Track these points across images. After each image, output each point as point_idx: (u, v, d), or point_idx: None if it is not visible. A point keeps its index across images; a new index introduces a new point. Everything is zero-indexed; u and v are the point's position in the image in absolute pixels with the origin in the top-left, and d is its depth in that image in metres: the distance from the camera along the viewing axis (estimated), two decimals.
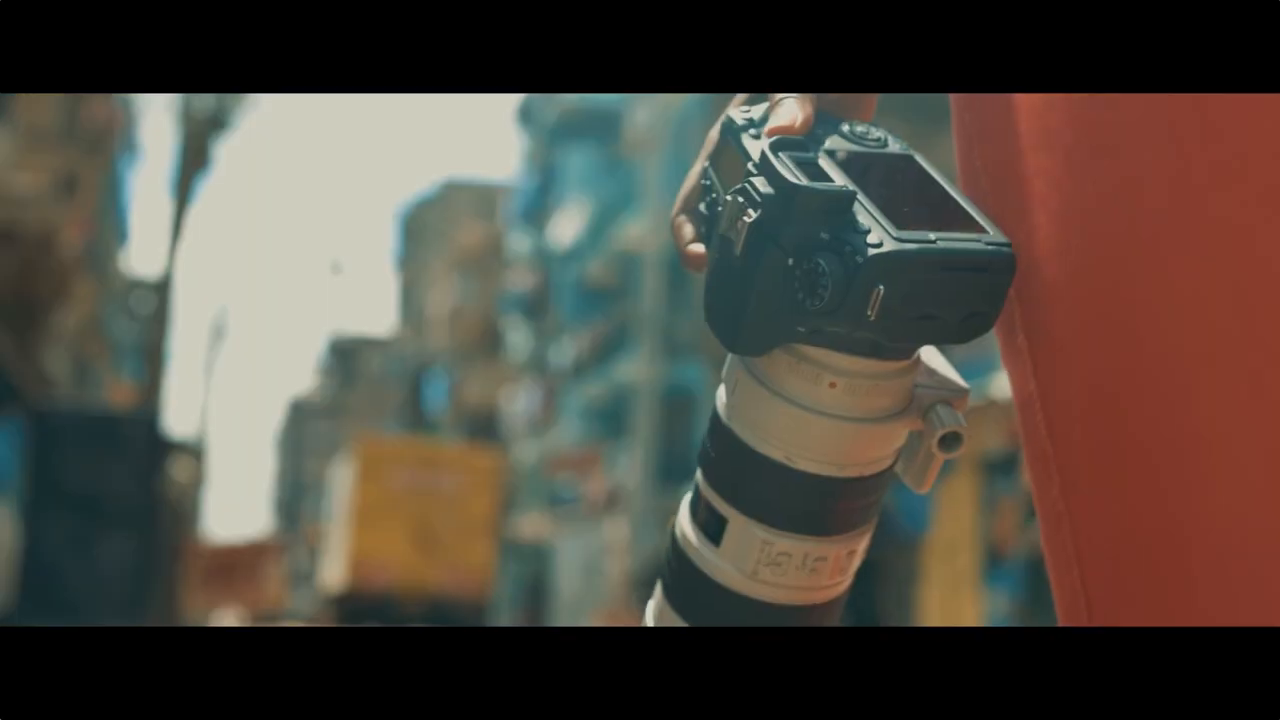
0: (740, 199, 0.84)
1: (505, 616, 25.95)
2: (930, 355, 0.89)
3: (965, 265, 0.81)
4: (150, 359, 15.50)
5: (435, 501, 21.61)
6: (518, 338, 36.68)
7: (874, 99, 0.96)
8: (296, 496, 76.55)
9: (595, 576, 22.84)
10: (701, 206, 0.93)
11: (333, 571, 22.73)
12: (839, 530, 0.89)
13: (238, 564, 19.70)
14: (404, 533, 21.27)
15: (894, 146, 0.91)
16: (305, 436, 77.19)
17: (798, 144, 0.86)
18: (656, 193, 25.06)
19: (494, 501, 22.66)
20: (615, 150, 30.29)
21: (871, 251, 0.79)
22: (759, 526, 0.89)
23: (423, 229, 52.63)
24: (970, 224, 0.84)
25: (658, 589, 0.95)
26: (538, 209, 35.24)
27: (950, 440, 0.86)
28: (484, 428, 38.35)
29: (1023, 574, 11.10)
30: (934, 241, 0.81)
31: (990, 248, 0.82)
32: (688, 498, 0.94)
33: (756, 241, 0.83)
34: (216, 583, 18.93)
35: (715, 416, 0.91)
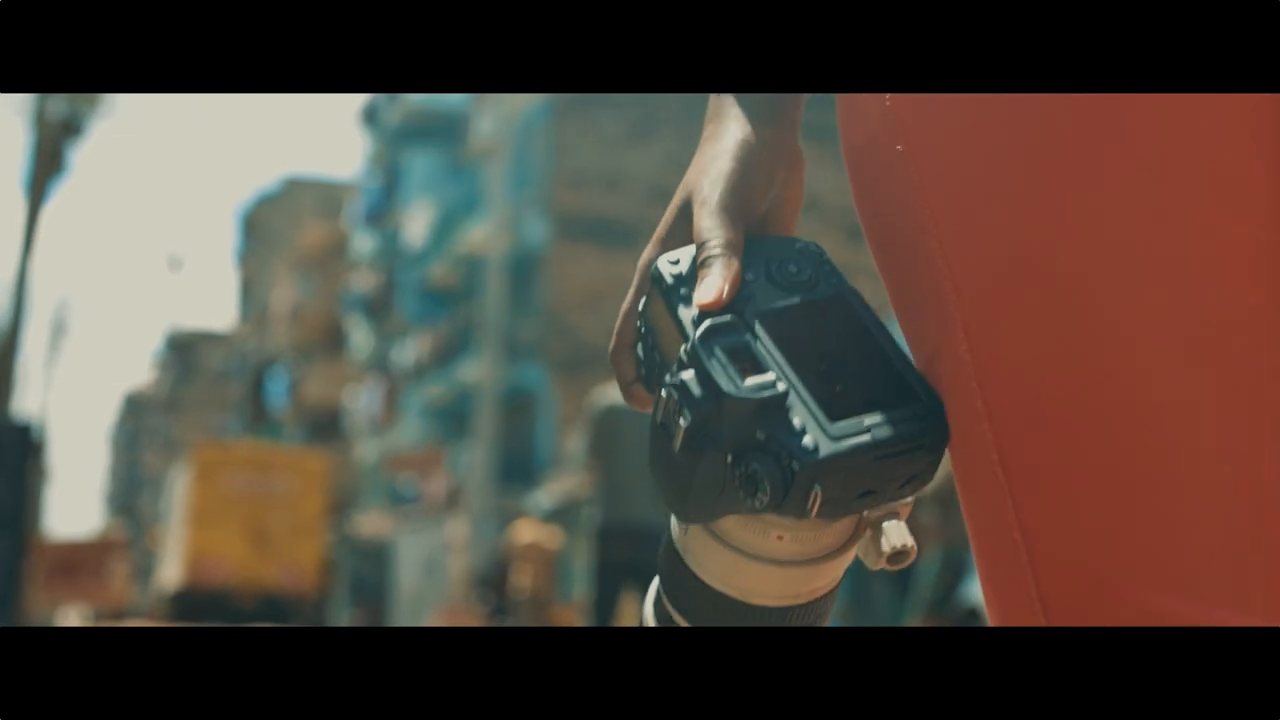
0: (675, 396, 0.83)
1: (345, 614, 26.20)
2: None
3: (900, 449, 0.82)
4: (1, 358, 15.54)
5: (268, 502, 22.95)
6: (360, 337, 36.60)
7: (797, 214, 0.95)
8: (132, 491, 75.17)
9: (436, 575, 23.22)
10: (638, 350, 0.93)
11: (170, 570, 23.67)
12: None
13: (82, 561, 19.77)
14: (239, 532, 22.45)
15: (823, 286, 0.89)
16: (141, 431, 75.88)
17: (727, 326, 0.84)
18: (501, 197, 25.41)
19: (324, 502, 24.03)
20: (459, 154, 30.44)
21: (807, 459, 0.79)
22: None
23: (264, 226, 52.07)
24: (903, 391, 0.83)
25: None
26: (382, 210, 35.21)
27: (898, 558, 0.86)
28: (326, 426, 38.29)
29: (847, 580, 11.64)
30: (867, 431, 0.80)
31: (924, 423, 0.82)
32: (652, 595, 0.95)
33: (693, 443, 0.82)
34: (60, 580, 19.00)
35: (671, 545, 0.91)
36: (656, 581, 0.94)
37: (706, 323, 0.85)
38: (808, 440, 0.80)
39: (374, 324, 35.14)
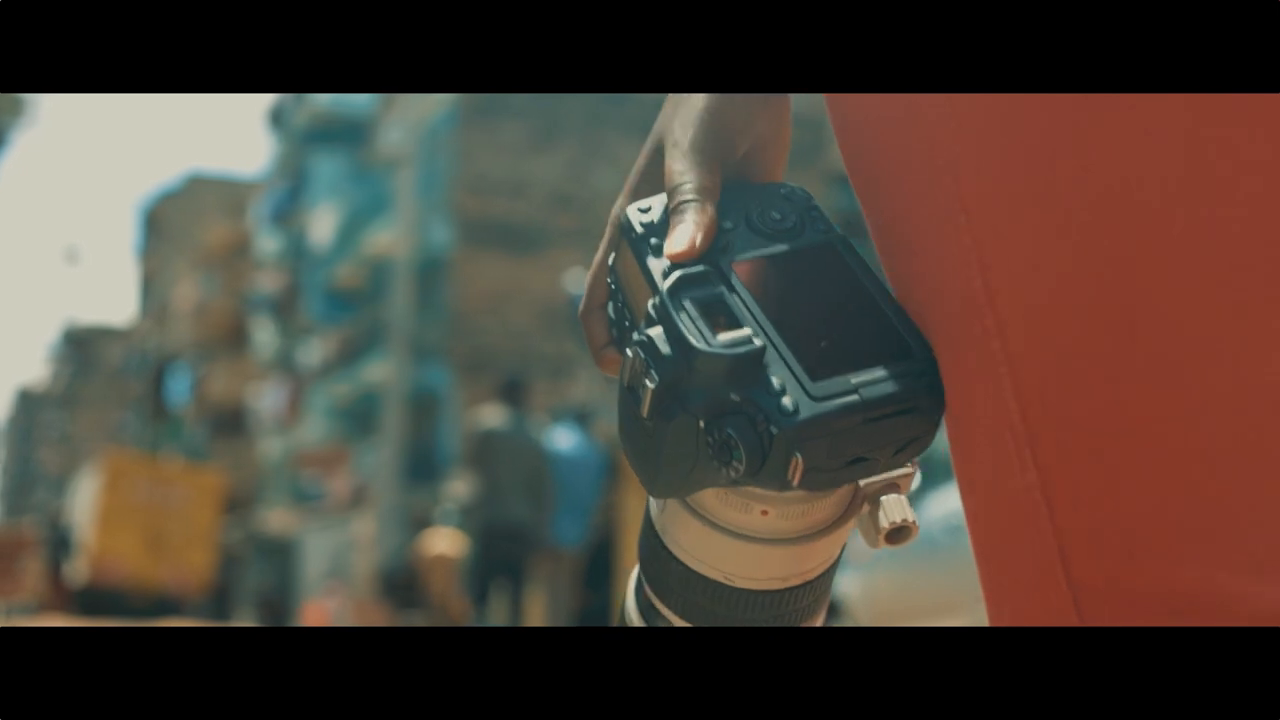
0: (641, 355, 0.74)
1: (250, 609, 26.60)
2: None
3: (891, 411, 0.73)
4: None
5: (166, 512, 25.42)
6: (265, 336, 36.62)
7: (783, 158, 0.87)
8: (26, 487, 74.32)
9: (342, 572, 23.67)
10: (609, 310, 0.86)
11: (75, 567, 25.04)
12: (789, 626, 0.83)
13: None
14: (138, 537, 24.85)
15: (809, 234, 0.81)
16: (36, 426, 75.04)
17: (700, 277, 0.76)
18: (408, 202, 25.73)
19: (217, 514, 26.64)
20: (365, 158, 30.71)
21: (785, 422, 0.70)
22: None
23: (166, 222, 51.75)
24: (895, 346, 0.75)
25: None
26: (287, 211, 35.29)
27: (897, 535, 0.78)
28: (229, 423, 38.40)
29: None
30: (854, 391, 0.72)
31: (918, 383, 0.74)
32: (633, 584, 0.87)
33: (662, 407, 0.74)
34: None
35: (650, 526, 0.84)
36: (637, 569, 0.86)
37: (677, 274, 0.77)
38: (787, 401, 0.71)
39: (279, 323, 35.23)
